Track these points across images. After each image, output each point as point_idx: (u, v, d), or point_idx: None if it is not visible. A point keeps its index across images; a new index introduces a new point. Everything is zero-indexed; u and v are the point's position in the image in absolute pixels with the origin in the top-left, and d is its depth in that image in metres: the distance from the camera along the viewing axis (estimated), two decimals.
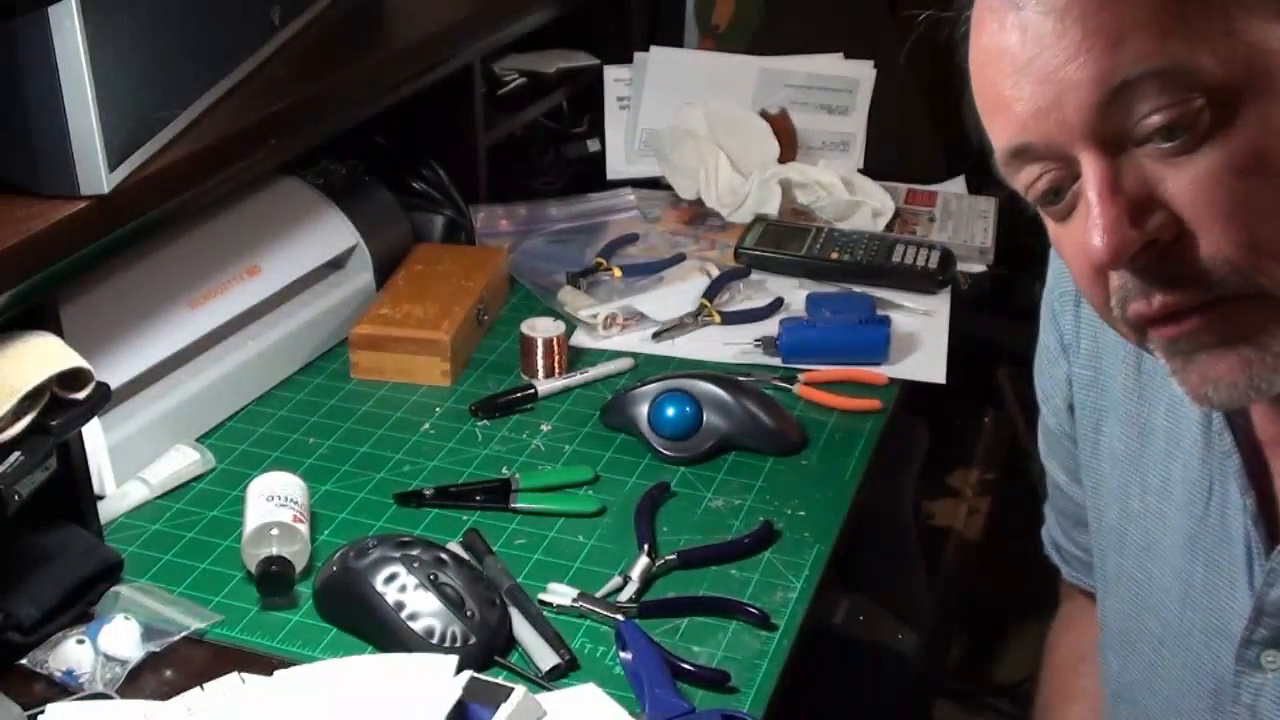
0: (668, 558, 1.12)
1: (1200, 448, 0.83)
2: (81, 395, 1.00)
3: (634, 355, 1.45)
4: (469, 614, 1.00)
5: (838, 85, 1.89)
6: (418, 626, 0.99)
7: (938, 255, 1.59)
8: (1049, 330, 0.97)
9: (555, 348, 1.40)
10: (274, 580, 1.06)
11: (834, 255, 1.61)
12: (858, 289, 1.56)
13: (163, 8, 1.13)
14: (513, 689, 0.89)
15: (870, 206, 1.73)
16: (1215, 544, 0.83)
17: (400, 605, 1.00)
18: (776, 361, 1.43)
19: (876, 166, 1.85)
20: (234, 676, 0.95)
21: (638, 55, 1.90)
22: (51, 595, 1.01)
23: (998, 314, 1.72)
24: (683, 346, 1.48)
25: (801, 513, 1.19)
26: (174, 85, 1.16)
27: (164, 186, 1.13)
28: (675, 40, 1.99)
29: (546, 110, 1.90)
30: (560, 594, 1.07)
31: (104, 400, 1.03)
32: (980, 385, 1.93)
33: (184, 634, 1.02)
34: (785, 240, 1.66)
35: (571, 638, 1.03)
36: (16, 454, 0.96)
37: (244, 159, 1.24)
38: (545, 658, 1.00)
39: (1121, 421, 0.91)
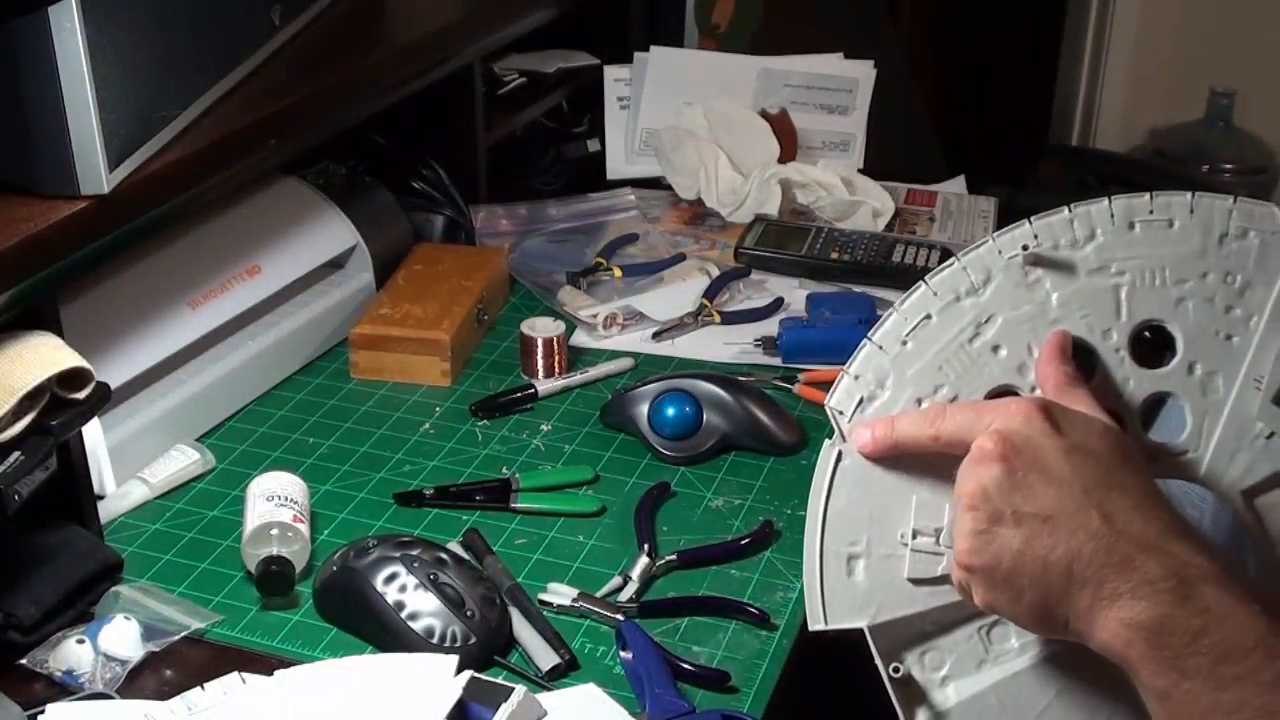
0: (668, 558, 1.12)
1: None
2: (81, 395, 1.00)
3: (634, 355, 1.45)
4: (469, 614, 1.00)
5: (838, 85, 1.89)
6: (418, 626, 0.99)
7: (938, 255, 1.60)
8: None
9: (555, 348, 1.40)
10: (274, 580, 1.06)
11: (834, 255, 1.61)
12: (858, 289, 1.56)
13: (163, 8, 1.13)
14: (513, 689, 0.89)
15: (870, 206, 1.73)
16: None
17: (400, 605, 1.00)
18: (776, 361, 1.43)
19: (876, 166, 1.85)
20: (234, 676, 0.95)
21: (638, 55, 1.90)
22: (51, 595, 1.01)
23: None
24: (683, 346, 1.48)
25: (801, 513, 1.18)
26: (174, 85, 1.16)
27: (164, 186, 1.13)
28: (675, 40, 1.99)
29: (546, 110, 1.90)
30: (560, 594, 1.07)
31: (104, 400, 1.03)
32: None
33: (184, 634, 1.02)
34: (785, 240, 1.66)
35: (571, 638, 1.03)
36: (16, 454, 0.95)
37: (244, 159, 1.24)
38: (545, 658, 1.00)
39: None
